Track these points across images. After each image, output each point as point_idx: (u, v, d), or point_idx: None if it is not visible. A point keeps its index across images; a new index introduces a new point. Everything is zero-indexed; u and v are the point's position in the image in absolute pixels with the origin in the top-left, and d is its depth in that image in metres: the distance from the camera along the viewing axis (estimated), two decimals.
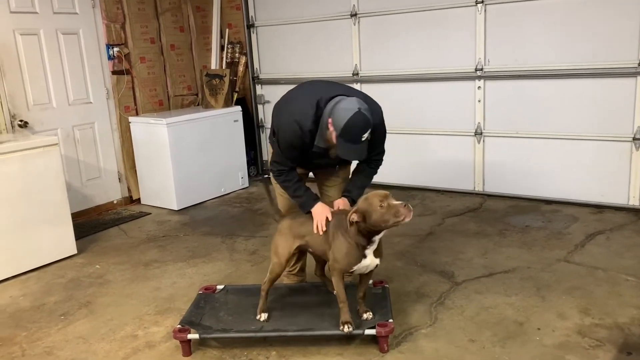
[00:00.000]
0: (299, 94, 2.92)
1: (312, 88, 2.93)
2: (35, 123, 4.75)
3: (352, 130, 2.57)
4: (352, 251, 2.62)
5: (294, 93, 2.98)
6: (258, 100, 6.39)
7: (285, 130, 2.79)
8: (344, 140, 2.60)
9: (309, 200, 2.85)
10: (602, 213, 4.51)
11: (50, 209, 4.07)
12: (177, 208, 5.31)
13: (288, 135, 2.78)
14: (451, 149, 5.27)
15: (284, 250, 2.84)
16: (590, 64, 4.45)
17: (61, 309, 3.38)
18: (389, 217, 2.49)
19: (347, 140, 2.60)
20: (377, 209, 2.48)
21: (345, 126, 2.56)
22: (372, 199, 2.52)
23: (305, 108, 2.73)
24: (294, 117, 2.74)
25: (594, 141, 4.58)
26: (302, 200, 2.86)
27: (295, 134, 2.74)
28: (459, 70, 5.05)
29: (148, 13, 5.66)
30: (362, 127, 2.58)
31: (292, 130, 2.74)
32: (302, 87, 3.03)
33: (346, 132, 2.57)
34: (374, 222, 2.50)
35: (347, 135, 2.58)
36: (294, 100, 2.89)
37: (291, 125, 2.74)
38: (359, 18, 5.48)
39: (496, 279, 3.43)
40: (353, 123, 2.56)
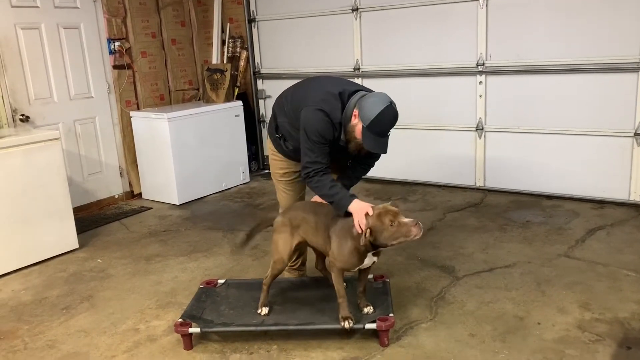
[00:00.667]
0: (316, 88, 2.84)
1: (327, 82, 2.89)
2: (37, 117, 4.75)
3: (382, 123, 2.58)
4: (353, 255, 2.63)
5: (307, 88, 2.91)
6: (259, 95, 6.39)
7: (317, 125, 2.68)
8: (372, 132, 2.59)
9: (345, 197, 2.66)
10: (602, 208, 4.51)
11: (52, 204, 4.07)
12: (179, 203, 5.32)
13: (321, 129, 2.68)
14: (452, 144, 5.27)
15: (285, 247, 2.83)
16: (591, 59, 4.44)
17: (63, 302, 3.40)
18: (399, 235, 2.50)
19: (375, 133, 2.59)
20: (388, 227, 2.49)
21: (376, 118, 2.56)
22: (383, 218, 2.50)
23: (330, 101, 2.70)
24: (323, 110, 2.68)
25: (595, 136, 4.57)
26: (338, 197, 2.67)
27: (327, 128, 2.69)
28: (460, 65, 5.04)
29: (149, 7, 5.65)
30: (391, 121, 2.62)
31: (324, 123, 2.68)
32: (315, 81, 2.97)
33: (376, 124, 2.57)
34: (383, 239, 2.51)
35: (377, 127, 2.58)
36: (314, 94, 2.79)
37: (322, 119, 2.68)
38: (360, 13, 5.47)
39: (497, 274, 3.43)
40: (385, 115, 2.57)
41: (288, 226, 2.84)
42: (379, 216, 2.51)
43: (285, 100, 2.98)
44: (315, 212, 2.81)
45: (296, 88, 3.00)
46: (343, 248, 2.64)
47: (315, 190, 2.76)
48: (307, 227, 2.80)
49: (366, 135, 2.60)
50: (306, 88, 2.93)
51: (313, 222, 2.78)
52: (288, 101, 2.95)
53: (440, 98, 5.23)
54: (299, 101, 2.83)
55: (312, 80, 3.01)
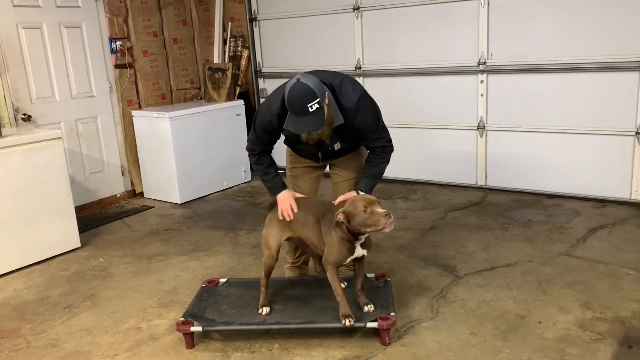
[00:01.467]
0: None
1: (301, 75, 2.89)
2: (39, 117, 4.76)
3: (293, 102, 2.53)
4: (342, 246, 2.64)
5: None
6: (260, 94, 6.39)
7: (259, 112, 2.90)
8: (292, 114, 2.57)
9: (275, 186, 2.91)
10: (604, 207, 4.51)
11: (54, 203, 4.08)
12: (180, 202, 5.33)
13: (259, 116, 2.88)
14: (454, 143, 5.27)
15: (274, 242, 2.86)
16: (593, 58, 4.44)
17: (65, 301, 3.41)
18: (370, 223, 2.52)
19: (294, 113, 2.55)
20: (361, 213, 2.51)
21: (287, 99, 2.55)
22: (357, 203, 2.54)
23: (277, 91, 2.80)
24: (267, 101, 2.86)
25: (597, 135, 4.57)
26: (268, 185, 2.94)
27: (264, 117, 2.81)
28: (461, 64, 5.04)
29: (150, 6, 5.65)
30: (302, 97, 2.49)
31: (263, 112, 2.84)
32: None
33: (290, 105, 2.55)
34: (355, 225, 2.54)
35: (292, 107, 2.55)
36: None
37: (262, 107, 2.87)
38: (361, 11, 5.46)
39: (498, 273, 3.44)
40: (292, 93, 2.53)
41: (277, 221, 2.85)
42: (354, 202, 2.56)
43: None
44: (305, 207, 2.81)
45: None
46: (331, 243, 2.65)
47: (255, 170, 3.02)
48: (296, 224, 2.80)
49: (289, 119, 2.62)
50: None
51: (302, 216, 2.78)
52: None
53: (441, 97, 5.23)
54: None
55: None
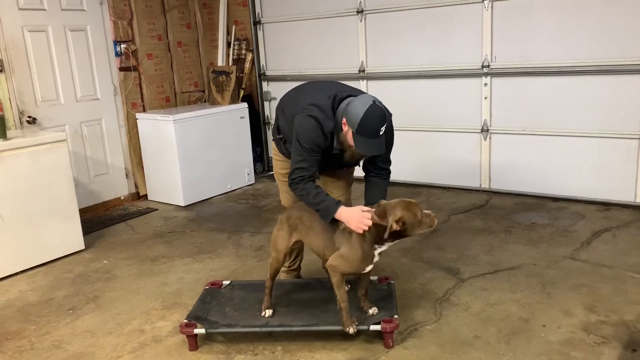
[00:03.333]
0: (310, 95, 2.83)
1: (321, 88, 2.88)
2: (44, 119, 4.78)
3: (369, 124, 2.53)
4: (366, 257, 2.62)
5: (303, 93, 2.92)
6: (264, 97, 6.41)
7: (309, 132, 2.67)
8: (362, 135, 2.55)
9: (331, 205, 2.63)
10: (608, 210, 4.49)
11: (58, 205, 4.10)
12: (184, 204, 5.34)
13: (313, 136, 2.67)
14: (457, 146, 5.27)
15: (282, 245, 2.83)
16: (597, 60, 4.43)
17: (69, 303, 3.42)
18: (426, 225, 2.57)
19: (366, 135, 2.55)
20: (420, 219, 2.54)
21: (362, 120, 2.52)
22: (414, 209, 2.53)
23: (322, 109, 2.68)
24: (315, 117, 2.66)
25: (601, 138, 4.56)
26: (324, 205, 2.64)
27: (318, 135, 2.67)
28: (465, 67, 5.04)
29: (155, 10, 5.68)
30: (379, 120, 2.54)
31: (316, 130, 2.66)
32: (310, 86, 2.99)
33: (363, 126, 2.53)
34: (413, 229, 2.55)
35: (365, 129, 2.53)
36: (307, 100, 2.78)
37: (314, 126, 2.66)
38: (365, 15, 5.47)
39: (502, 276, 3.43)
40: (369, 116, 2.52)
41: (286, 224, 2.84)
42: (408, 208, 2.53)
43: (285, 104, 3.00)
44: (311, 212, 2.76)
45: (296, 92, 3.02)
46: (352, 250, 2.61)
47: (301, 198, 2.72)
48: (302, 228, 2.78)
49: (357, 140, 2.57)
50: (302, 93, 2.94)
51: (308, 222, 2.76)
52: (287, 105, 2.96)
53: (445, 100, 5.23)
54: (294, 107, 2.84)
55: (308, 85, 3.04)
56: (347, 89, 2.83)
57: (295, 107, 2.83)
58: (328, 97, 2.72)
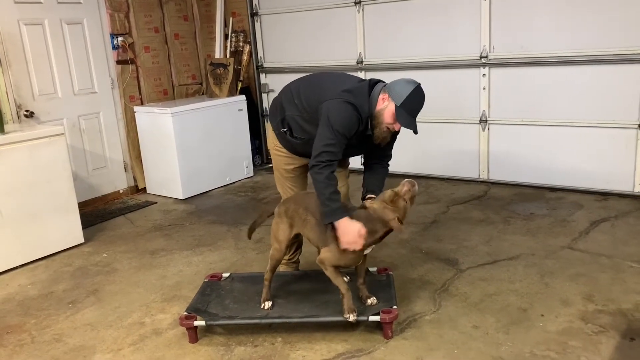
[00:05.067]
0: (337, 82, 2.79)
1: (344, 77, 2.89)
2: (41, 113, 4.77)
3: (415, 101, 2.65)
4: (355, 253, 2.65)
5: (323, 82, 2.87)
6: (262, 89, 6.39)
7: (344, 118, 2.62)
8: (405, 110, 2.63)
9: (341, 209, 2.60)
10: (606, 200, 4.50)
11: (57, 199, 4.10)
12: (183, 197, 5.34)
13: (348, 121, 2.63)
14: (456, 136, 5.27)
15: (284, 236, 2.83)
16: (596, 50, 4.42)
17: (69, 296, 3.43)
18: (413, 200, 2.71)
19: (407, 111, 2.63)
20: (406, 205, 2.65)
21: (409, 95, 2.61)
22: (399, 203, 2.63)
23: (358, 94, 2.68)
24: (352, 104, 2.64)
25: (600, 128, 4.56)
26: (334, 206, 2.60)
27: (354, 121, 2.65)
28: (463, 57, 5.03)
29: (152, 2, 5.65)
30: (422, 100, 2.68)
31: (352, 117, 2.64)
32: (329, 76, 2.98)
33: (409, 101, 2.62)
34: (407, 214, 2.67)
35: (410, 104, 2.63)
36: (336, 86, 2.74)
37: (351, 112, 2.63)
38: (363, 6, 5.45)
39: (500, 266, 3.44)
40: (416, 94, 2.64)
41: (285, 217, 2.84)
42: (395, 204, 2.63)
43: (294, 94, 2.91)
44: (306, 205, 2.77)
45: (309, 82, 2.95)
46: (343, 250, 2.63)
47: (319, 185, 2.62)
48: (299, 221, 2.79)
49: (400, 114, 2.64)
50: (323, 82, 2.89)
51: (303, 216, 2.76)
52: (300, 95, 2.87)
53: (443, 91, 5.21)
54: (318, 95, 2.77)
55: (327, 75, 3.02)
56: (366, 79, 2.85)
57: (320, 95, 2.75)
58: (358, 81, 2.79)
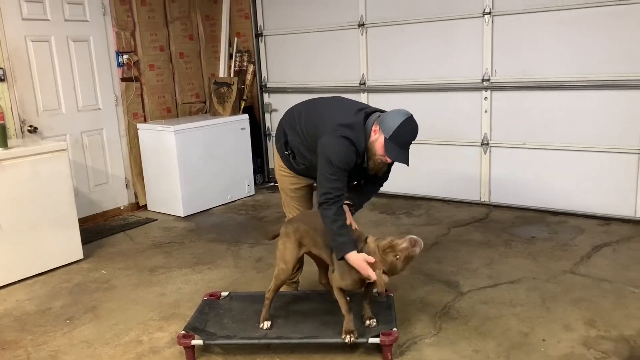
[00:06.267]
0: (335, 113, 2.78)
1: (343, 105, 2.86)
2: (45, 129, 4.79)
3: (404, 133, 2.61)
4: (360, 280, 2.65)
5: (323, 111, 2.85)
6: (265, 109, 6.43)
7: (342, 153, 2.63)
8: (394, 143, 2.61)
9: (349, 243, 2.60)
10: (608, 225, 4.48)
11: (58, 214, 4.10)
12: (184, 215, 5.33)
13: (346, 157, 2.64)
14: (457, 159, 5.28)
15: (291, 257, 2.83)
16: (597, 75, 4.45)
17: (66, 313, 3.40)
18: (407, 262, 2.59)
19: (397, 143, 2.62)
20: (396, 262, 2.56)
21: (398, 128, 2.59)
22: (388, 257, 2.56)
23: (354, 128, 2.66)
24: (348, 138, 2.64)
25: (601, 153, 4.56)
26: (344, 239, 2.60)
27: (352, 156, 2.65)
28: (465, 80, 5.06)
29: (158, 21, 5.72)
30: (412, 132, 2.66)
31: (350, 152, 2.64)
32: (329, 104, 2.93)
33: (398, 135, 2.60)
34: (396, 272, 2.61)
35: (399, 138, 2.61)
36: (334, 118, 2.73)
37: (347, 147, 2.64)
38: (366, 28, 5.51)
39: (501, 289, 3.41)
40: (406, 126, 2.62)
41: (294, 236, 2.84)
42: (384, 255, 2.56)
43: (296, 120, 2.94)
44: (315, 225, 2.77)
45: (309, 109, 2.95)
46: (349, 274, 2.64)
47: (327, 220, 2.63)
48: (308, 238, 2.80)
49: (389, 147, 2.62)
50: (322, 112, 2.87)
51: (312, 233, 2.78)
52: (301, 122, 2.90)
53: (445, 113, 5.25)
54: (317, 126, 2.79)
55: (326, 103, 2.97)
56: (366, 106, 2.86)
57: (317, 126, 2.78)
58: (355, 113, 2.74)
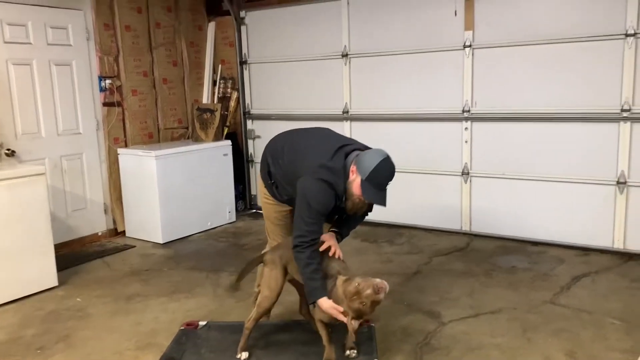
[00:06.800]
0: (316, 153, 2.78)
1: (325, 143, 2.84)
2: (23, 152, 4.72)
3: (380, 175, 2.58)
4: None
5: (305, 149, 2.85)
6: (248, 135, 6.44)
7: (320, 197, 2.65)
8: (371, 184, 2.59)
9: (320, 289, 2.64)
10: (587, 255, 4.53)
11: (33, 240, 4.00)
12: (162, 241, 5.25)
13: (324, 200, 2.66)
14: (438, 188, 5.31)
15: (276, 284, 2.80)
16: (574, 108, 4.56)
17: (38, 342, 3.29)
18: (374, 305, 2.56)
19: (374, 185, 2.59)
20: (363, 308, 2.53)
21: (374, 169, 2.57)
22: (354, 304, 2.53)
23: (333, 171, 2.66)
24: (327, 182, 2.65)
25: (579, 184, 4.64)
26: (316, 284, 2.65)
27: (330, 200, 2.67)
28: (446, 111, 5.14)
29: (142, 47, 5.73)
30: (388, 173, 2.64)
31: (328, 195, 2.65)
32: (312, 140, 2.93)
33: (374, 176, 2.58)
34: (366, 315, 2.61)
35: (375, 179, 2.59)
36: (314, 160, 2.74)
37: (326, 191, 2.65)
38: (350, 58, 5.59)
39: (482, 320, 3.40)
40: (382, 167, 2.59)
41: (279, 264, 2.81)
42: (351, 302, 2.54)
43: (279, 153, 2.95)
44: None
45: (292, 144, 2.95)
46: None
47: (300, 263, 2.67)
48: (292, 265, 2.78)
49: (365, 187, 2.60)
50: (303, 149, 2.87)
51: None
52: (284, 157, 2.91)
53: (426, 143, 5.31)
54: (297, 165, 2.80)
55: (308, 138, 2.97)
56: (348, 141, 2.86)
57: (297, 164, 2.79)
58: (334, 152, 2.71)
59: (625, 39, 4.27)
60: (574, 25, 4.46)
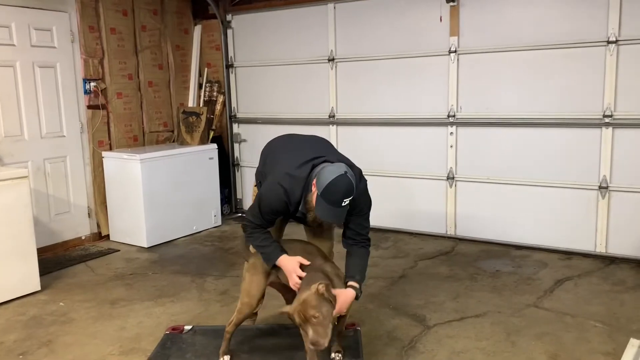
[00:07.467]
0: (288, 159, 2.82)
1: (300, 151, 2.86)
2: (5, 155, 4.66)
3: (334, 191, 2.52)
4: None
5: (282, 154, 2.92)
6: (234, 139, 6.42)
7: (271, 200, 2.72)
8: (325, 200, 2.55)
9: (275, 251, 2.73)
10: (570, 259, 4.58)
11: (16, 244, 3.95)
12: (147, 245, 5.21)
13: (274, 204, 2.72)
14: (424, 192, 5.35)
15: (257, 290, 2.79)
16: (557, 114, 4.62)
17: (20, 348, 3.25)
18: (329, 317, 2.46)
19: (328, 201, 2.54)
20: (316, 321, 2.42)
21: (328, 185, 2.52)
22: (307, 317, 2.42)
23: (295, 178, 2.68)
24: (283, 187, 2.68)
25: (563, 188, 4.70)
26: (268, 250, 2.75)
27: (280, 205, 2.71)
28: (432, 115, 5.18)
29: (127, 50, 5.69)
30: (343, 190, 2.53)
31: (279, 201, 2.69)
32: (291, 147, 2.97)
33: (328, 192, 2.52)
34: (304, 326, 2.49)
35: (328, 195, 2.53)
36: (284, 164, 2.80)
37: (278, 196, 2.68)
38: (336, 63, 5.61)
39: (467, 323, 3.43)
40: (336, 184, 2.52)
41: (261, 267, 2.80)
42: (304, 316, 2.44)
43: (269, 155, 3.03)
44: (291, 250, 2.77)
45: (280, 148, 3.02)
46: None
47: (249, 240, 2.82)
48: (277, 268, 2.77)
49: (319, 203, 2.57)
50: (282, 155, 2.93)
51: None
52: (269, 160, 3.00)
53: (412, 147, 5.34)
54: (272, 170, 2.88)
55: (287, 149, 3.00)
56: (327, 153, 2.84)
57: (274, 168, 2.87)
58: (304, 163, 2.71)
59: (607, 46, 4.34)
60: (557, 32, 4.52)
